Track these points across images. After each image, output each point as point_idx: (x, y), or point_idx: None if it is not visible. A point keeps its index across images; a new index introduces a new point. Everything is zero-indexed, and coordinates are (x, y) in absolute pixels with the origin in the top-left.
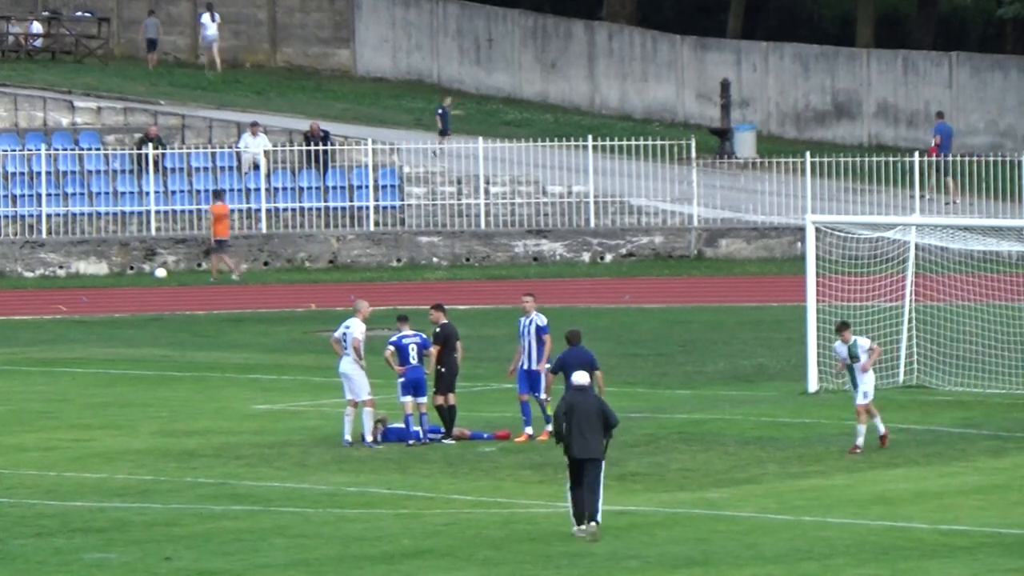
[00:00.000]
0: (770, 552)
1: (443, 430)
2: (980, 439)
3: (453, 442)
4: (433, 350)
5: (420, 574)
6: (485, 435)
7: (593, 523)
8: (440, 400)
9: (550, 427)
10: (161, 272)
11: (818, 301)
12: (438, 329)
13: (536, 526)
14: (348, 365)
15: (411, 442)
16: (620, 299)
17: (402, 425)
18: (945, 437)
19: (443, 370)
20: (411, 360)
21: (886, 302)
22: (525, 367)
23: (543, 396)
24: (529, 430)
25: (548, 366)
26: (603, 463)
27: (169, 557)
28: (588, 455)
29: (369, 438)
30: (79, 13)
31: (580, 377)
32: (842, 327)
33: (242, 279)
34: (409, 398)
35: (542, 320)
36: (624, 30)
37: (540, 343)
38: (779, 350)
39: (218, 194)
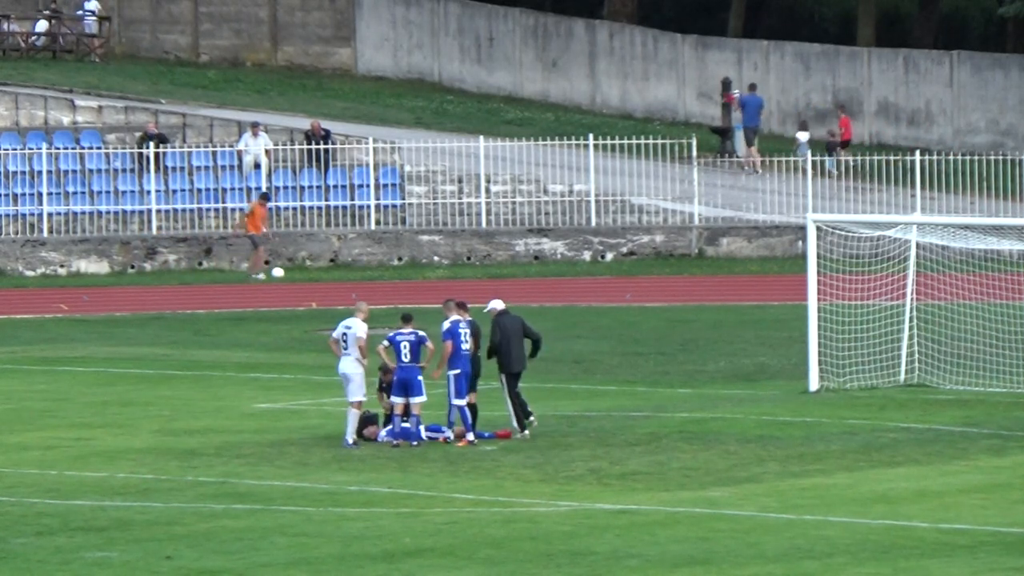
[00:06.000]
0: (771, 551)
1: (444, 428)
2: (981, 438)
3: (452, 438)
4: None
5: (421, 573)
6: (486, 434)
7: (532, 418)
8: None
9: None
10: (279, 272)
11: (819, 300)
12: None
13: (537, 525)
14: (350, 365)
15: (415, 443)
16: (621, 298)
17: (407, 425)
18: (946, 436)
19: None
20: (403, 359)
21: (887, 301)
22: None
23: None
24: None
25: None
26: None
27: (170, 556)
28: (522, 368)
29: (350, 440)
30: (80, 12)
31: (498, 303)
32: None
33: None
34: (399, 399)
35: (443, 326)
36: (625, 29)
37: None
38: (780, 349)
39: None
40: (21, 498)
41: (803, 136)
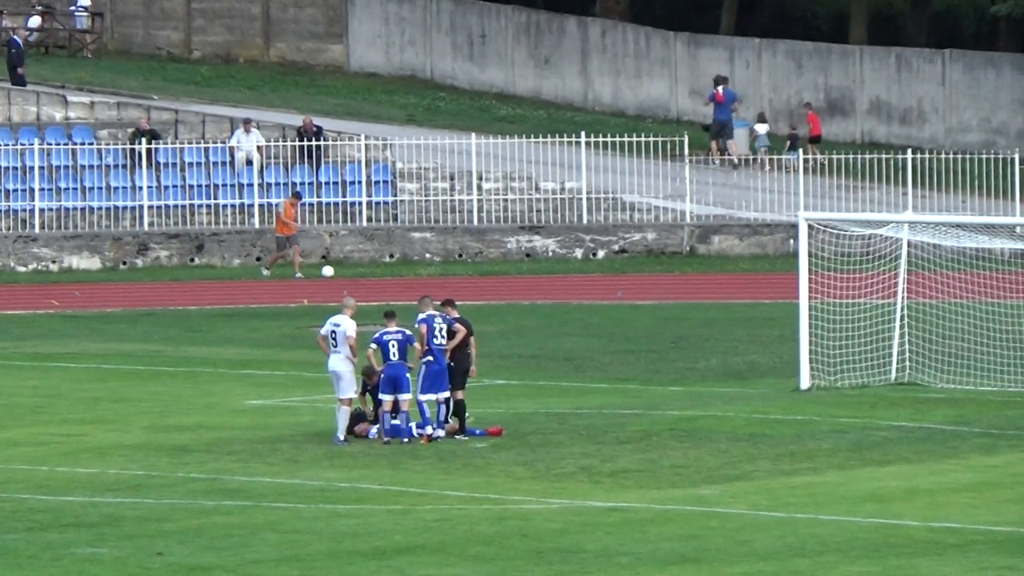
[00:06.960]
0: (762, 549)
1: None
2: (972, 436)
3: (442, 436)
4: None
5: (412, 570)
6: (477, 431)
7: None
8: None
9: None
10: (328, 271)
11: (811, 298)
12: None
13: (528, 522)
14: (340, 363)
15: (406, 440)
16: (613, 295)
17: (398, 422)
18: (937, 434)
19: (452, 364)
20: (391, 357)
21: (878, 299)
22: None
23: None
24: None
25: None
26: None
27: (161, 552)
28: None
29: (341, 436)
30: (72, 8)
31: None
32: None
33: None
34: (387, 396)
35: (417, 318)
36: (617, 26)
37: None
38: (771, 347)
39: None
40: (12, 494)
41: (761, 128)
